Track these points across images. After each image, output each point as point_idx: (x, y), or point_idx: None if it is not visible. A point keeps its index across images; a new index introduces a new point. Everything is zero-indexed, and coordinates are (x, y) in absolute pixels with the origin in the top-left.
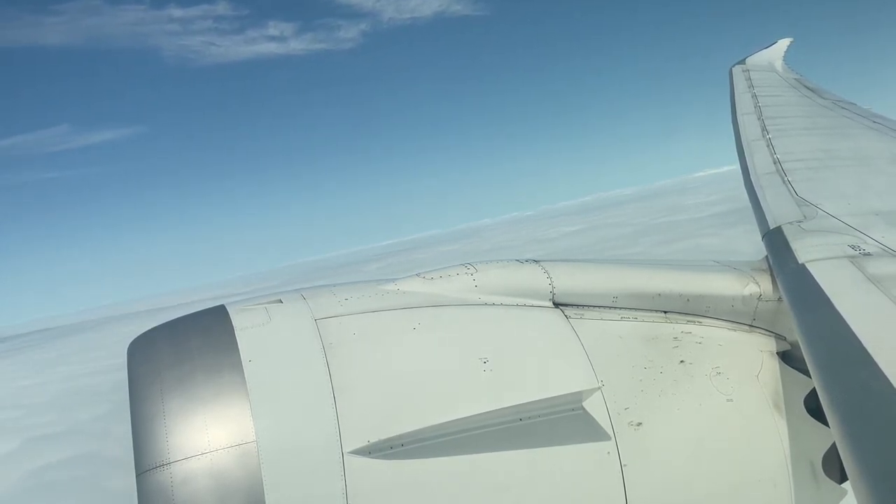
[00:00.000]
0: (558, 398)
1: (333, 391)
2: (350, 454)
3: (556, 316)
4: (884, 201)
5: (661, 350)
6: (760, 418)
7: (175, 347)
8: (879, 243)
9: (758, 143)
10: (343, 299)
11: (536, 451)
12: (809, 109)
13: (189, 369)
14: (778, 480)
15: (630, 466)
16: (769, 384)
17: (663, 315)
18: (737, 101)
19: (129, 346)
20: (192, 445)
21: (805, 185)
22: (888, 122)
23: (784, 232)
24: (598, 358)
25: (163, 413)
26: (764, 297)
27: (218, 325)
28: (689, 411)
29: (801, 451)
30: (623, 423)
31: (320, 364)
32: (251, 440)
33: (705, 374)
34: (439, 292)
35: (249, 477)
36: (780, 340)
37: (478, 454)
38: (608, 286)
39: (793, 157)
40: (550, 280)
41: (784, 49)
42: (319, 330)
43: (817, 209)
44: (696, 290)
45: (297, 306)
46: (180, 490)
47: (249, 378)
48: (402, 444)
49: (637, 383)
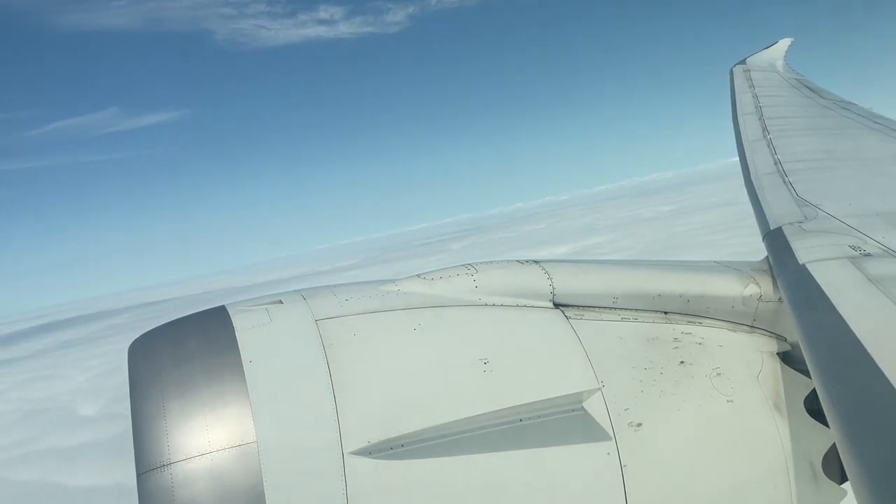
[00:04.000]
0: (558, 399)
1: (334, 392)
2: (351, 455)
3: (556, 316)
4: (884, 202)
5: (662, 351)
6: (761, 419)
7: (175, 348)
8: (880, 244)
9: (758, 143)
10: (343, 300)
11: (536, 451)
12: (810, 110)
13: (189, 370)
14: (778, 481)
15: (630, 467)
16: (769, 385)
17: (663, 316)
18: (737, 101)
19: (130, 346)
20: (193, 446)
21: (805, 185)
22: (889, 122)
23: (784, 232)
24: (599, 358)
25: (163, 413)
26: (764, 298)
27: (218, 325)
28: (690, 412)
29: (801, 452)
30: (623, 424)
31: (321, 365)
32: (252, 441)
33: (705, 374)
34: (439, 293)
35: (250, 477)
36: (781, 341)
37: (478, 455)
38: (608, 287)
39: (793, 158)
40: (551, 281)
41: (785, 49)
42: (320, 330)
43: (818, 210)
44: (697, 290)
45: (297, 307)
46: (181, 490)
47: (250, 379)
48: (403, 444)
49: (637, 384)
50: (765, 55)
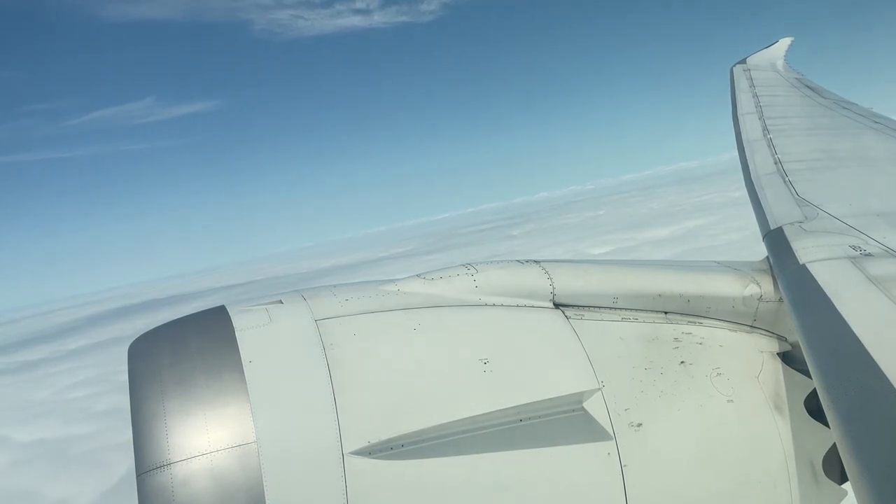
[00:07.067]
0: (559, 399)
1: (334, 392)
2: (350, 455)
3: (556, 317)
4: (885, 202)
5: (662, 351)
6: (761, 419)
7: (176, 348)
8: (880, 244)
9: (759, 142)
10: (343, 300)
11: (537, 451)
12: (811, 109)
13: (189, 370)
14: (778, 481)
15: (630, 467)
16: (770, 385)
17: (664, 316)
18: (738, 101)
19: (130, 346)
20: (193, 446)
21: (806, 185)
22: (889, 122)
23: (785, 232)
24: (599, 359)
25: (163, 413)
26: (765, 298)
27: (218, 325)
28: (690, 412)
29: (801, 452)
30: (623, 424)
31: (321, 365)
32: (252, 441)
33: (706, 374)
34: (440, 293)
35: (250, 477)
36: (781, 341)
37: (478, 455)
38: (609, 287)
39: (794, 158)
40: (551, 281)
41: (785, 48)
42: (320, 331)
43: (818, 210)
44: (697, 290)
45: (297, 307)
46: (181, 490)
47: (250, 379)
48: (403, 444)
49: (637, 384)
50: (765, 54)
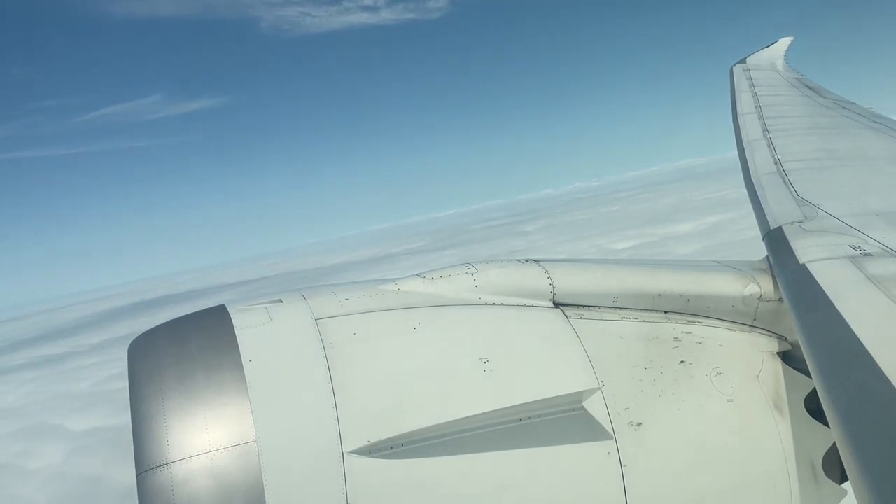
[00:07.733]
0: (558, 398)
1: (334, 391)
2: (350, 454)
3: (556, 316)
4: (884, 201)
5: (662, 350)
6: (761, 419)
7: (175, 347)
8: (880, 243)
9: (759, 142)
10: (343, 299)
11: (536, 451)
12: (810, 109)
13: (189, 369)
14: (778, 481)
15: (630, 467)
16: (769, 384)
17: (664, 315)
18: (738, 101)
19: (130, 345)
20: (193, 445)
21: (806, 185)
22: (889, 122)
23: (785, 232)
24: (599, 358)
25: (163, 412)
26: (764, 298)
27: (218, 324)
28: (690, 411)
29: (801, 452)
30: (623, 424)
31: (321, 364)
32: (251, 440)
33: (705, 374)
34: (439, 292)
35: (250, 477)
36: (781, 341)
37: (478, 454)
38: (608, 286)
39: (793, 157)
40: (551, 280)
41: (785, 48)
42: (320, 330)
43: (818, 209)
44: (697, 290)
45: (297, 306)
46: (180, 490)
47: (250, 378)
48: (403, 444)
49: (637, 383)
50: (765, 54)
